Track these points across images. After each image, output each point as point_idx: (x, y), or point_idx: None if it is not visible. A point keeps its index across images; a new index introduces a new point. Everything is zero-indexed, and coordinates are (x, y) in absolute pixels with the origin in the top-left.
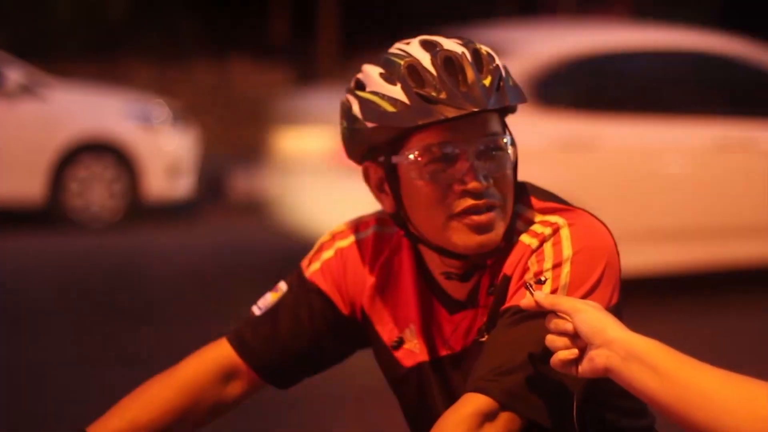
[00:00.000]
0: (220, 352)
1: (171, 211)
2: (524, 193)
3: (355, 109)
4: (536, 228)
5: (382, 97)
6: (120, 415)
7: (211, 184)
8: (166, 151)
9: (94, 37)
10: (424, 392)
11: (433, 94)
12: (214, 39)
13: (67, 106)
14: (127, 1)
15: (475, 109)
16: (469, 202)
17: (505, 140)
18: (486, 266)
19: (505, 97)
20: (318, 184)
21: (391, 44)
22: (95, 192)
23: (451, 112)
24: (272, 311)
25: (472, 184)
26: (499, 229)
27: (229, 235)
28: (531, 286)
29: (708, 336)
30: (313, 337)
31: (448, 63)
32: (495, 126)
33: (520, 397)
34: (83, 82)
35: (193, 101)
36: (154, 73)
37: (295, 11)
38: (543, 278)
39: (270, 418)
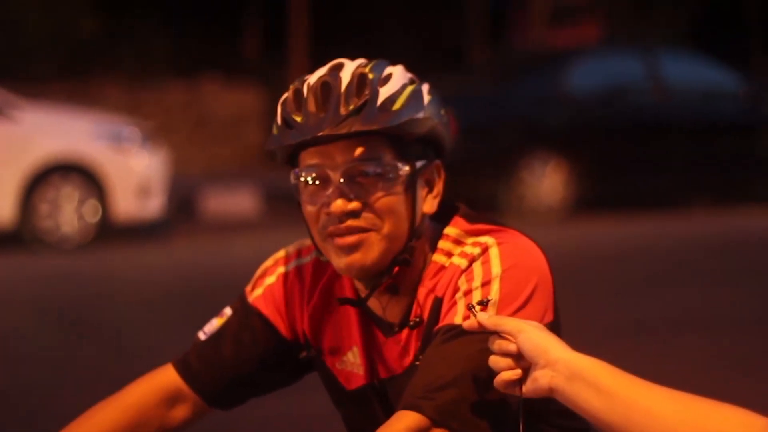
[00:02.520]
0: (165, 377)
1: (141, 232)
2: (453, 214)
3: None
4: (466, 249)
5: (276, 121)
6: None
7: (182, 204)
8: (136, 172)
9: (65, 58)
10: (367, 413)
11: (295, 118)
12: (186, 58)
13: (37, 127)
14: (97, 21)
15: (319, 134)
16: (332, 225)
17: (385, 166)
18: (407, 291)
19: (356, 123)
20: None
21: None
22: (65, 213)
23: (298, 137)
24: (216, 336)
25: (332, 207)
26: (371, 251)
27: (200, 255)
28: (474, 307)
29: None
30: (257, 362)
31: (323, 88)
32: (372, 150)
33: (453, 413)
34: (54, 102)
35: (164, 121)
36: (125, 93)
37: (266, 29)
38: (486, 300)
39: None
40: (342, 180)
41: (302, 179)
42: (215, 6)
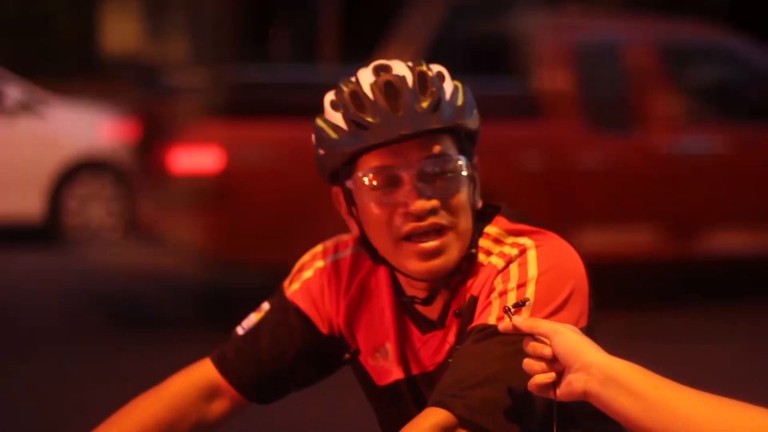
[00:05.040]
0: (203, 371)
1: None
2: (495, 214)
3: (313, 136)
4: (504, 249)
5: (329, 124)
6: (107, 431)
7: None
8: None
9: (94, 55)
10: (400, 409)
11: (368, 119)
12: None
13: (66, 124)
14: None
15: (404, 133)
16: (412, 224)
17: (458, 162)
18: (452, 289)
19: (436, 119)
20: None
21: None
22: (94, 210)
23: (381, 137)
24: (254, 331)
25: (413, 206)
26: (451, 253)
27: None
28: (510, 309)
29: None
30: (294, 356)
31: (388, 88)
32: (443, 148)
33: (482, 412)
34: (83, 100)
35: None
36: None
37: (294, 31)
38: (522, 301)
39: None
40: (418, 178)
41: (367, 181)
42: (243, 7)
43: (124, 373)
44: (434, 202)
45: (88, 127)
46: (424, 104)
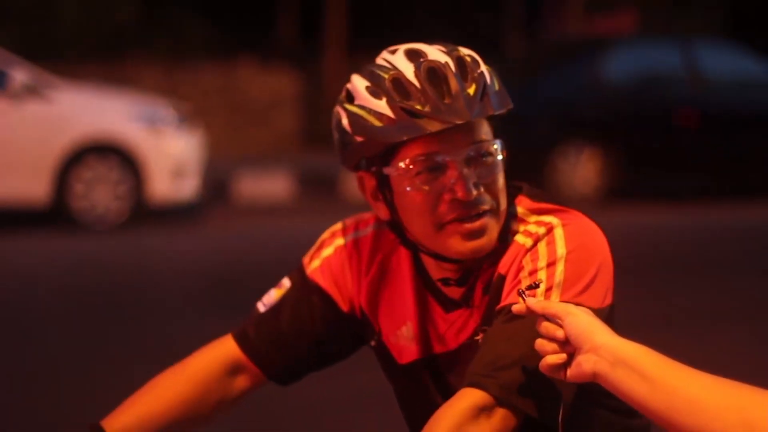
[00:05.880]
0: (225, 348)
1: (176, 214)
2: (519, 194)
3: (345, 122)
4: (531, 228)
5: (369, 111)
6: (132, 407)
7: (217, 186)
8: (172, 154)
9: (101, 39)
10: (420, 388)
11: (418, 107)
12: (221, 41)
13: (72, 108)
14: (134, 3)
15: (459, 122)
16: (459, 210)
17: (494, 146)
18: (482, 269)
19: (489, 107)
20: None
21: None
22: (100, 193)
23: (435, 126)
24: (275, 308)
25: (461, 194)
26: (492, 233)
27: (234, 238)
28: (523, 292)
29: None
30: (315, 335)
31: (432, 74)
32: (483, 133)
33: (516, 392)
34: (89, 83)
35: (199, 103)
36: (160, 75)
37: (302, 13)
38: (536, 282)
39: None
40: (464, 164)
41: (412, 168)
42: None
43: (131, 355)
44: (481, 188)
45: (94, 111)
46: (470, 90)
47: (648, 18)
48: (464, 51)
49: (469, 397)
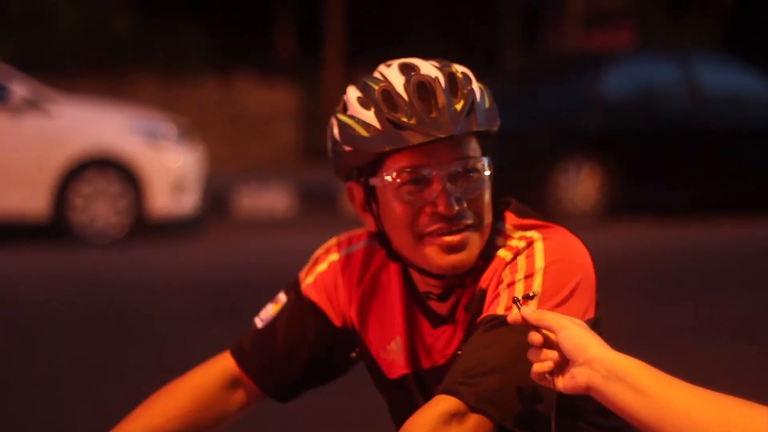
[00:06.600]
0: (224, 363)
1: (176, 228)
2: (505, 209)
3: (335, 131)
4: (512, 243)
5: (358, 121)
6: (133, 423)
7: (216, 200)
8: (172, 168)
9: (99, 52)
10: (409, 402)
11: (404, 119)
12: (220, 54)
13: (72, 122)
14: (133, 16)
15: (442, 136)
16: (439, 224)
17: (481, 162)
18: (465, 286)
19: (473, 122)
20: None
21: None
22: (100, 208)
23: (418, 138)
24: (271, 324)
25: (442, 208)
26: (473, 248)
27: (233, 252)
28: (518, 301)
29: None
30: (309, 350)
31: (421, 88)
32: (471, 149)
33: (490, 400)
34: (88, 97)
35: (198, 117)
36: (158, 88)
37: (301, 26)
38: (531, 294)
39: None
40: (447, 179)
41: (396, 180)
42: (250, 3)
43: (131, 370)
44: (463, 203)
45: (94, 125)
46: (458, 106)
47: (646, 32)
48: (458, 68)
49: (442, 404)
